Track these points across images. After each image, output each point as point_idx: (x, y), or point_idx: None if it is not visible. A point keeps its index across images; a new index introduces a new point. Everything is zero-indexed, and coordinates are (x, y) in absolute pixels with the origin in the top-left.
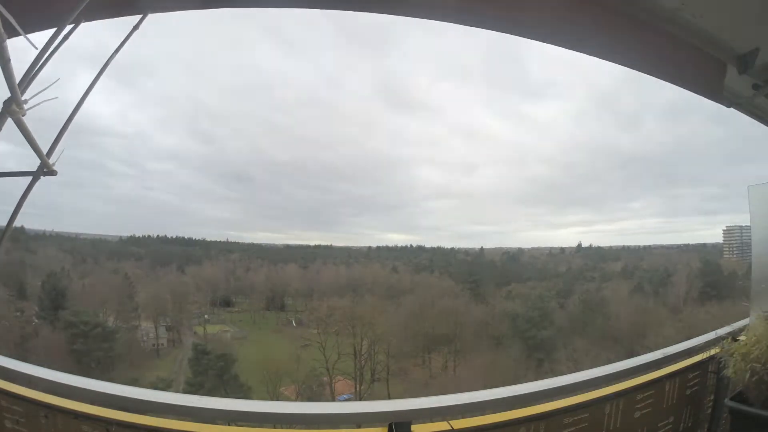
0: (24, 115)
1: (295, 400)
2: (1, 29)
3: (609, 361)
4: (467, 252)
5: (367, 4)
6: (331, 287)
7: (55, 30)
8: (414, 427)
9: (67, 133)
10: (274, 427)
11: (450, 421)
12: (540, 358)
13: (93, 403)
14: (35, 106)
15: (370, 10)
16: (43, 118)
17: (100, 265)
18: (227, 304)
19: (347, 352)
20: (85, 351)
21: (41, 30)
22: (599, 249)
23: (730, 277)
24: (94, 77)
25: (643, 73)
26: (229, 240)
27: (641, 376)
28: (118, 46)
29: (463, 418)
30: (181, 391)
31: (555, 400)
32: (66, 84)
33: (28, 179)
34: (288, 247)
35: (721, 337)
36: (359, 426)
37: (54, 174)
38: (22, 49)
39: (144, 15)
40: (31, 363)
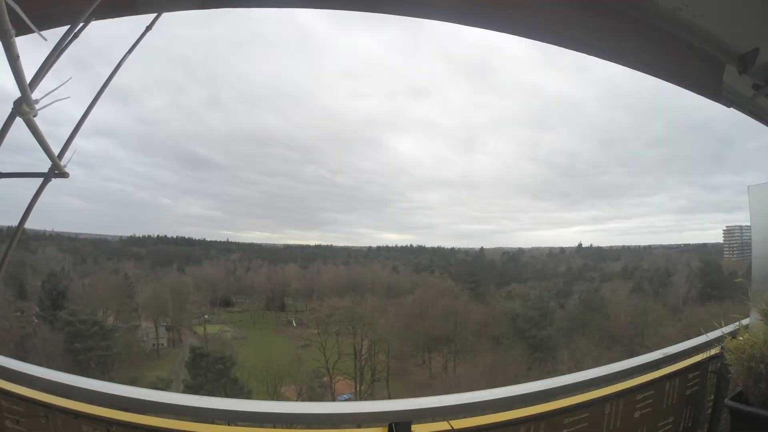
0: (35, 116)
1: (295, 400)
2: (8, 25)
3: (609, 361)
4: (467, 252)
5: (367, 4)
6: (331, 287)
7: (68, 28)
8: (414, 427)
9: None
10: (274, 427)
11: (450, 421)
12: (540, 358)
13: (93, 403)
14: (46, 106)
15: (370, 10)
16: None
17: (100, 265)
18: (227, 304)
19: (347, 352)
20: (84, 351)
21: (51, 28)
22: (599, 249)
23: (730, 277)
24: (108, 77)
25: (644, 73)
26: (229, 240)
27: (641, 376)
28: (131, 46)
29: (463, 418)
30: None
31: (555, 400)
32: (78, 83)
33: (37, 181)
34: (288, 247)
35: (721, 337)
36: (359, 426)
37: (66, 176)
38: (32, 48)
39: (158, 15)
40: (31, 363)
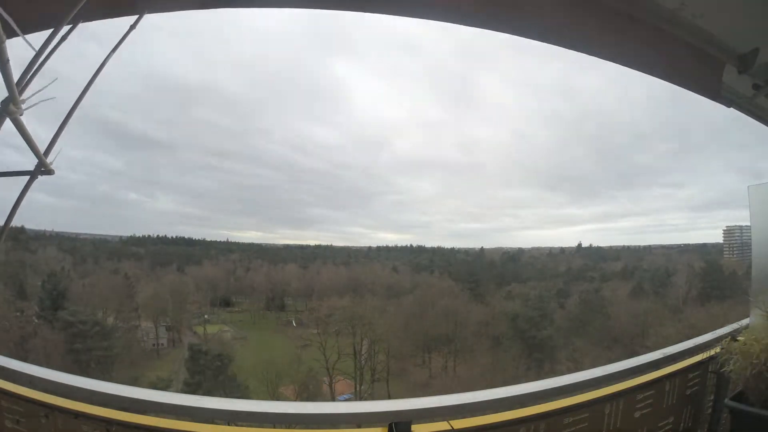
0: (22, 115)
1: (295, 400)
2: (0, 31)
3: (609, 361)
4: (467, 252)
5: (367, 4)
6: (331, 287)
7: (52, 30)
8: (414, 427)
9: None
10: (274, 427)
11: (450, 421)
12: (540, 358)
13: (93, 403)
14: (33, 106)
15: (370, 10)
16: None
17: (100, 265)
18: (227, 304)
19: (347, 352)
20: (84, 351)
21: (39, 30)
22: (599, 249)
23: (730, 277)
24: (91, 76)
25: (643, 72)
26: (229, 240)
27: (641, 376)
28: (115, 45)
29: (463, 418)
30: (180, 390)
31: (555, 400)
32: (63, 83)
33: (26, 178)
34: (288, 247)
35: (721, 336)
36: (359, 426)
37: (51, 173)
38: (19, 50)
39: (141, 15)
40: (32, 363)
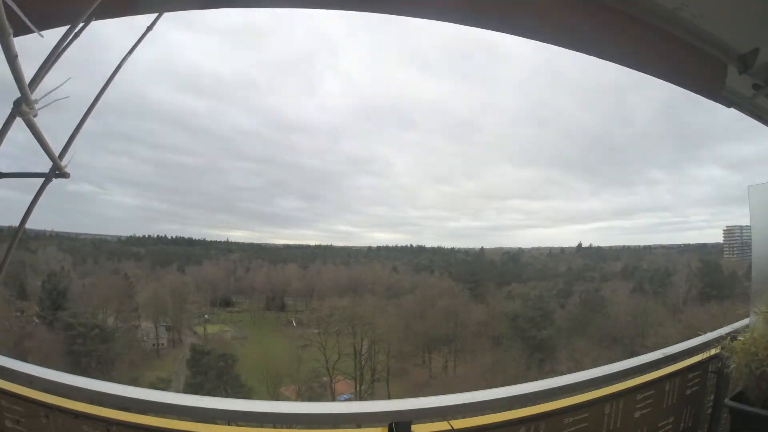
0: (35, 116)
1: (295, 400)
2: (6, 23)
3: (609, 361)
4: (467, 252)
5: (367, 4)
6: (331, 287)
7: (68, 28)
8: (414, 427)
9: None
10: (274, 427)
11: (450, 421)
12: (540, 359)
13: (93, 403)
14: (46, 106)
15: (370, 10)
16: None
17: (100, 265)
18: (227, 304)
19: (347, 352)
20: (84, 351)
21: (51, 28)
22: (599, 249)
23: (730, 277)
24: (108, 77)
25: (644, 72)
26: (229, 240)
27: (641, 376)
28: (132, 46)
29: (463, 418)
30: (181, 391)
31: (555, 400)
32: (78, 83)
33: (39, 181)
34: (287, 247)
35: (721, 336)
36: (359, 426)
37: (66, 176)
38: (32, 48)
39: (159, 15)
40: (31, 363)
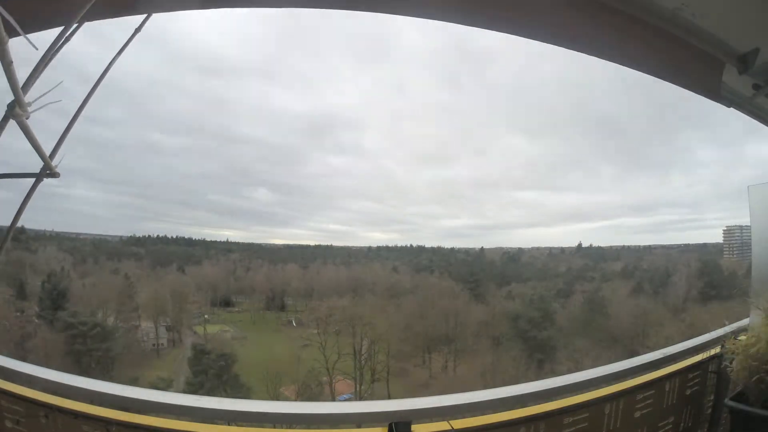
0: (28, 118)
1: (295, 400)
2: (3, 32)
3: (609, 361)
4: (467, 252)
5: (367, 4)
6: (331, 287)
7: (61, 29)
8: (414, 427)
9: None
10: (274, 427)
11: (450, 421)
12: (540, 359)
13: (93, 403)
14: (39, 109)
15: (370, 9)
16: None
17: (100, 265)
18: (227, 304)
19: (347, 352)
20: (84, 351)
21: (43, 30)
22: (599, 249)
23: (730, 277)
24: (97, 78)
25: (643, 72)
26: (229, 240)
27: (641, 376)
28: (121, 47)
29: (463, 418)
30: (181, 390)
31: (555, 400)
32: (68, 85)
33: (31, 181)
34: (288, 247)
35: (721, 336)
36: (359, 426)
37: (56, 176)
38: (23, 51)
39: (147, 16)
40: (31, 363)
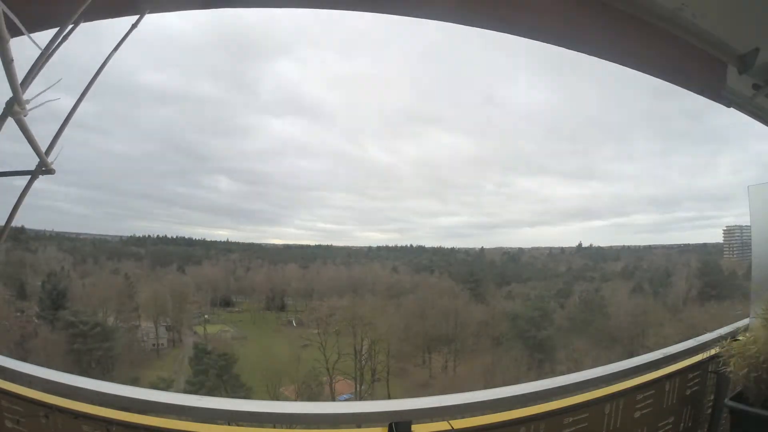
0: (26, 116)
1: (295, 400)
2: (4, 30)
3: (609, 361)
4: (467, 252)
5: (367, 4)
6: (331, 287)
7: (57, 29)
8: (414, 427)
9: None
10: (274, 427)
11: (450, 421)
12: (540, 359)
13: (93, 403)
14: (37, 107)
15: (370, 9)
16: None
17: (100, 265)
18: (227, 304)
19: (347, 352)
20: (84, 351)
21: (41, 30)
22: (599, 249)
23: (730, 277)
24: (92, 77)
25: (643, 72)
26: (229, 240)
27: (641, 376)
28: (116, 45)
29: (463, 418)
30: (181, 390)
31: (555, 400)
32: (65, 83)
33: (26, 178)
34: (288, 247)
35: (721, 336)
36: (359, 426)
37: (52, 173)
38: (21, 50)
39: (142, 14)
40: (32, 363)
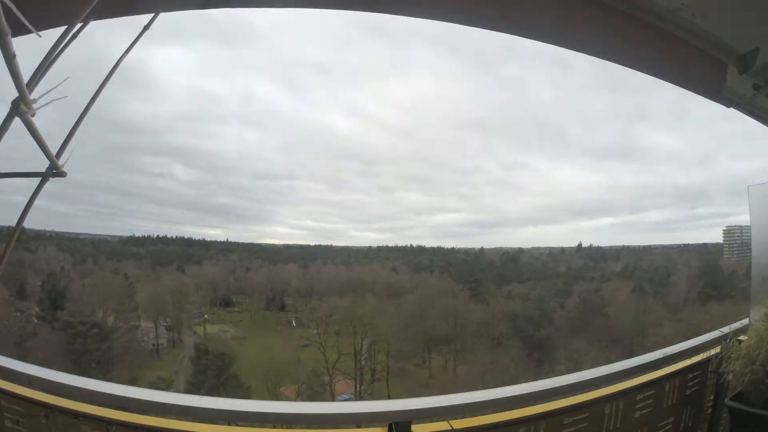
0: (33, 115)
1: (295, 400)
2: (4, 22)
3: (608, 361)
4: (467, 252)
5: (368, 4)
6: (331, 287)
7: (65, 28)
8: (414, 427)
9: None
10: (274, 427)
11: (450, 421)
12: (540, 359)
13: (93, 403)
14: (44, 106)
15: (371, 9)
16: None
17: (100, 265)
18: (227, 304)
19: (347, 352)
20: (84, 351)
21: (50, 28)
22: (599, 249)
23: (730, 277)
24: (105, 77)
25: (643, 73)
26: (229, 240)
27: (641, 376)
28: (129, 46)
29: (463, 418)
30: (181, 390)
31: (555, 400)
32: (76, 83)
33: (37, 180)
34: (288, 246)
35: (721, 337)
36: (359, 426)
37: (63, 175)
38: (30, 48)
39: (156, 15)
40: (31, 363)
